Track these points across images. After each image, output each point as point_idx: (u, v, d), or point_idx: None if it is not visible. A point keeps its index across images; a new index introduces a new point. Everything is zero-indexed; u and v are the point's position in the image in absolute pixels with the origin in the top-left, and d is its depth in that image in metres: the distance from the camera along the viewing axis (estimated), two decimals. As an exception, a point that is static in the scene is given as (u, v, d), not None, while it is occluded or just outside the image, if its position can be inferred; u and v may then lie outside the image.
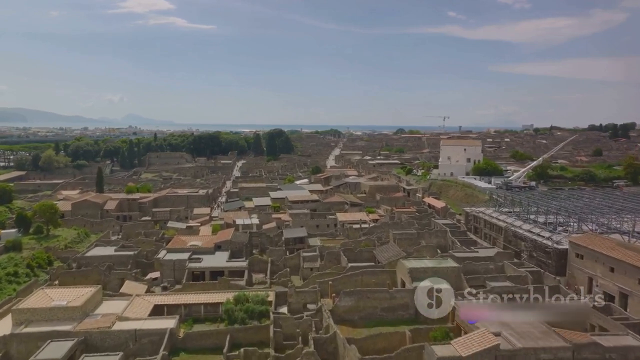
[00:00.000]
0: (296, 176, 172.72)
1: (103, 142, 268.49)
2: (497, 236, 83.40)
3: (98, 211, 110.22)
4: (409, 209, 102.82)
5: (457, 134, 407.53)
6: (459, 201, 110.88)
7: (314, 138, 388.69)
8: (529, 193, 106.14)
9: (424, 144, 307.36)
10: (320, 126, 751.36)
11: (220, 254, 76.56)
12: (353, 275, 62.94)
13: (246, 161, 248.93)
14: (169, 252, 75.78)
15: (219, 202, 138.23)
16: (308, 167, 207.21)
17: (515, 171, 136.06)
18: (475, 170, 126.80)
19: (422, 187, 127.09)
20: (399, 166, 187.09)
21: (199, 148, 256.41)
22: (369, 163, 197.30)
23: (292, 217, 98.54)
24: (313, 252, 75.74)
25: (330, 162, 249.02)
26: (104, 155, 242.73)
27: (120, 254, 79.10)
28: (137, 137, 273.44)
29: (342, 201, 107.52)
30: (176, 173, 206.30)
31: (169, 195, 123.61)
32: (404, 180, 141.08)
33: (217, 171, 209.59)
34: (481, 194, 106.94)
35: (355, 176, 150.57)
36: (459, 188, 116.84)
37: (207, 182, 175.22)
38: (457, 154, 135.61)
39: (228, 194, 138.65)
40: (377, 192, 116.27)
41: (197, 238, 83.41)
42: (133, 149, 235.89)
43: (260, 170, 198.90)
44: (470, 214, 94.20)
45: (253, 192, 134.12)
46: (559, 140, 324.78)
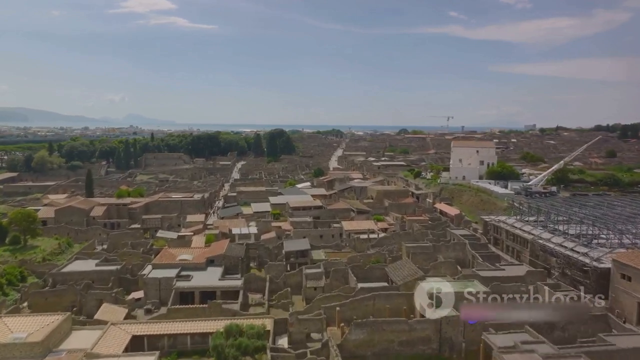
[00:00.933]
0: (298, 179, 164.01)
1: (99, 142, 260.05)
2: (521, 250, 74.55)
3: (84, 218, 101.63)
4: (420, 216, 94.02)
5: (462, 134, 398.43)
6: (474, 208, 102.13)
7: (315, 138, 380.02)
8: (551, 199, 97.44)
9: (429, 144, 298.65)
10: (321, 126, 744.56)
11: (212, 269, 67.86)
12: (364, 300, 54.27)
13: (246, 162, 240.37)
14: (155, 269, 67.11)
15: (215, 207, 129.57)
16: (310, 168, 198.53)
17: (531, 175, 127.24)
18: (489, 173, 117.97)
19: (432, 191, 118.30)
20: (405, 168, 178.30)
21: (198, 148, 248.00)
22: (374, 165, 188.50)
23: (293, 225, 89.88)
24: (317, 268, 67.04)
25: (332, 163, 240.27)
26: (99, 156, 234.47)
27: (102, 269, 70.47)
28: (135, 138, 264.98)
29: (348, 208, 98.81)
30: (173, 175, 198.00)
31: (161, 200, 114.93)
32: (412, 184, 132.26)
33: (215, 173, 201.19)
34: (499, 201, 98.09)
35: (360, 179, 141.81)
36: (473, 193, 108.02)
37: (204, 185, 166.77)
38: (469, 156, 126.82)
39: (225, 198, 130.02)
40: (385, 198, 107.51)
41: (187, 251, 74.66)
42: (129, 149, 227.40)
43: (261, 172, 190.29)
44: (489, 224, 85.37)
45: (252, 197, 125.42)
46: (566, 140, 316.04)
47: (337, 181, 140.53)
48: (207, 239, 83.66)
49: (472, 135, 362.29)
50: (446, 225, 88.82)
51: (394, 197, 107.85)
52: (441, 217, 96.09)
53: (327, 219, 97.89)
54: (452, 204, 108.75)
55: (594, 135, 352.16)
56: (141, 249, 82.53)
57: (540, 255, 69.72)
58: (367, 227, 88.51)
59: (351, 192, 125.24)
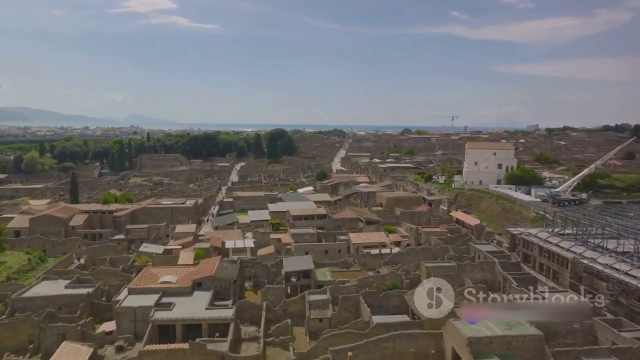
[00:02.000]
0: (299, 182, 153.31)
1: (93, 142, 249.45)
2: (559, 270, 63.85)
3: (61, 228, 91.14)
4: (437, 228, 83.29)
5: (467, 134, 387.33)
6: (495, 217, 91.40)
7: (317, 138, 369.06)
8: (581, 208, 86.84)
9: (435, 145, 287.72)
10: (322, 126, 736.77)
11: (199, 295, 57.33)
12: (381, 341, 43.64)
13: (245, 163, 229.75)
14: (132, 294, 56.61)
15: (210, 213, 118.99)
16: (312, 170, 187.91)
17: (552, 179, 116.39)
18: (509, 178, 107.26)
19: (447, 198, 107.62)
20: (413, 171, 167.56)
21: (195, 149, 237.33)
22: (379, 167, 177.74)
23: (294, 238, 79.32)
24: (322, 294, 56.48)
25: (335, 164, 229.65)
26: (92, 157, 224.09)
27: (72, 292, 59.84)
28: (130, 138, 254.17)
29: (356, 217, 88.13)
30: (168, 177, 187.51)
31: (150, 207, 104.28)
32: (423, 189, 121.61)
33: (212, 175, 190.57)
34: (524, 209, 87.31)
35: (367, 183, 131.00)
36: (494, 200, 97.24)
37: (200, 188, 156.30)
38: (486, 159, 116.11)
39: (221, 204, 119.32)
40: (397, 205, 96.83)
41: (171, 270, 64.02)
42: (124, 150, 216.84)
43: (260, 175, 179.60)
44: (517, 237, 74.63)
45: (250, 203, 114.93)
46: (576, 141, 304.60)
47: (341, 185, 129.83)
48: (197, 254, 73.08)
49: (478, 136, 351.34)
50: (467, 239, 78.16)
51: (406, 205, 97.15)
52: (461, 229, 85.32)
53: (332, 229, 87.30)
54: (470, 212, 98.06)
55: (604, 135, 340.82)
56: (121, 265, 72.00)
57: (585, 278, 59.05)
58: (378, 240, 77.89)
59: (357, 198, 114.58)
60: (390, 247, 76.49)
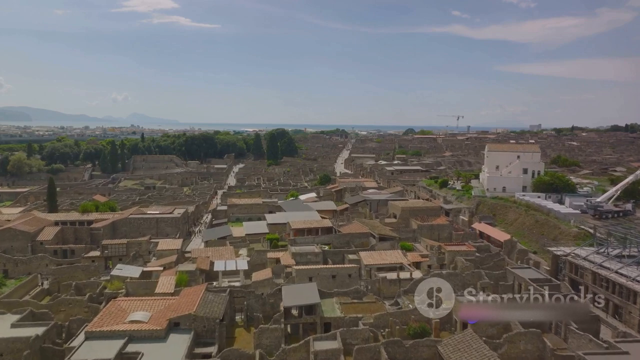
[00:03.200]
0: (300, 187, 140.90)
1: (86, 143, 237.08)
2: (624, 305, 51.33)
3: (28, 243, 78.81)
4: (463, 246, 70.75)
5: (472, 134, 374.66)
6: (527, 231, 78.85)
7: (319, 139, 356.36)
8: (627, 221, 74.39)
9: (442, 146, 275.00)
10: (323, 126, 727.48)
11: (176, 339, 45.12)
12: None
13: (245, 165, 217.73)
14: (90, 339, 44.36)
15: (202, 222, 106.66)
16: (314, 173, 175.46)
17: (582, 185, 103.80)
18: (536, 185, 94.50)
19: (466, 207, 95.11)
20: (423, 174, 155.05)
21: (192, 150, 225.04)
22: (386, 169, 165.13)
23: (296, 258, 66.96)
24: (331, 340, 44.13)
25: (339, 166, 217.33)
26: (84, 158, 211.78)
27: (17, 335, 47.49)
28: (123, 138, 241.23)
29: (366, 232, 75.65)
30: (161, 180, 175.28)
31: (132, 217, 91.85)
32: (438, 196, 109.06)
33: (209, 178, 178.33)
34: (562, 223, 74.63)
35: (375, 189, 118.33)
36: (522, 211, 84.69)
37: (194, 193, 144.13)
38: (509, 163, 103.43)
39: (214, 213, 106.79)
40: (412, 217, 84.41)
41: (146, 304, 51.67)
42: (116, 151, 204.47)
43: (259, 178, 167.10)
44: (561, 259, 62.08)
45: (246, 212, 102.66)
46: (588, 141, 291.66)
47: (347, 191, 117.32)
48: (179, 279, 60.77)
49: (485, 136, 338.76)
50: (500, 260, 65.66)
51: (423, 216, 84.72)
52: (490, 247, 72.78)
53: (339, 246, 74.89)
54: (495, 224, 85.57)
55: (616, 136, 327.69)
56: (88, 293, 59.69)
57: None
58: (394, 260, 65.52)
59: (365, 206, 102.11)
60: (409, 269, 64.12)
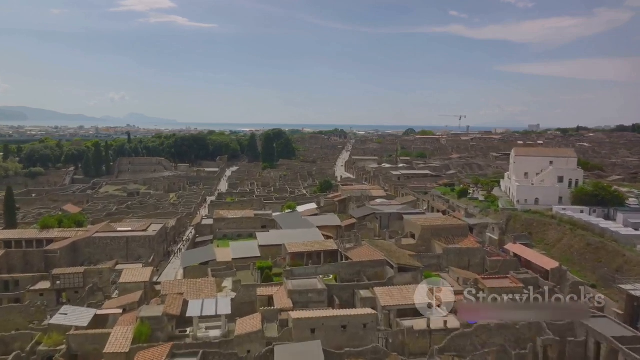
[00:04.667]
0: (298, 195, 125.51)
1: (69, 144, 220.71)
2: None
3: (-41, 273, 63.13)
4: (506, 279, 55.42)
5: (477, 134, 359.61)
6: (576, 256, 63.67)
7: (317, 139, 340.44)
8: None
9: (446, 147, 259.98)
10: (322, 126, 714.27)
11: None
12: None
13: (239, 168, 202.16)
14: None
15: (185, 239, 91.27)
16: (314, 178, 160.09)
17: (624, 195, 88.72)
18: (576, 196, 79.17)
19: (494, 222, 79.86)
20: (432, 179, 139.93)
21: (182, 152, 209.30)
22: (392, 174, 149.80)
23: (293, 298, 51.63)
24: None
25: (339, 169, 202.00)
26: (66, 161, 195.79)
27: None
28: (108, 140, 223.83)
29: (381, 259, 60.24)
30: (147, 185, 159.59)
31: (97, 237, 76.14)
32: (457, 208, 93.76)
33: (198, 183, 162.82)
34: (627, 249, 59.44)
35: (384, 199, 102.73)
36: (567, 230, 69.45)
37: (181, 201, 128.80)
38: (540, 170, 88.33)
39: (197, 228, 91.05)
40: (435, 238, 69.06)
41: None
42: (100, 153, 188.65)
43: (253, 183, 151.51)
44: None
45: (235, 227, 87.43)
46: (599, 142, 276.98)
47: (352, 201, 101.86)
48: (138, 331, 45.21)
49: (490, 137, 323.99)
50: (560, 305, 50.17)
51: (448, 236, 69.30)
52: (538, 279, 57.42)
53: (349, 277, 59.58)
54: (533, 245, 70.34)
55: (625, 136, 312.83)
56: (15, 352, 44.17)
57: None
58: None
59: (375, 220, 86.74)
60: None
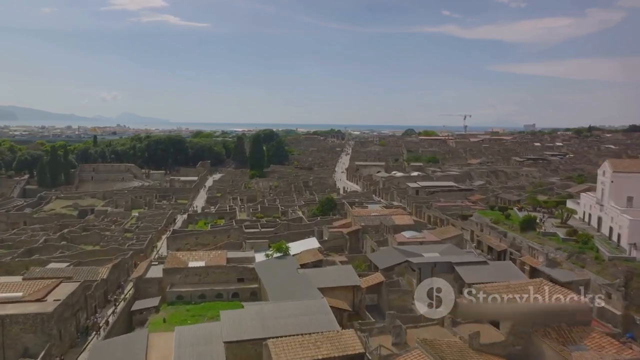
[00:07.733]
0: (293, 212, 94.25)
1: (25, 148, 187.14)
2: None
3: None
4: None
5: (485, 134, 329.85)
6: None
7: (313, 140, 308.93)
8: None
9: (456, 149, 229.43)
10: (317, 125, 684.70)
11: None
12: None
13: (223, 175, 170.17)
14: None
15: (119, 298, 59.31)
16: (311, 190, 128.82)
17: None
18: None
19: (606, 283, 49.16)
20: (460, 194, 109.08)
21: (157, 157, 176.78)
22: (408, 186, 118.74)
23: None
24: None
25: (340, 177, 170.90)
26: (18, 168, 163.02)
27: None
28: (66, 144, 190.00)
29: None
30: (107, 199, 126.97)
31: None
32: (524, 246, 63.09)
33: (170, 196, 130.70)
34: None
35: (413, 230, 71.45)
36: None
37: (138, 224, 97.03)
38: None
39: (139, 285, 58.05)
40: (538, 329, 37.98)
41: None
42: (57, 158, 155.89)
43: (236, 198, 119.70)
44: None
45: (197, 280, 55.81)
46: (620, 143, 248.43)
47: (368, 235, 70.56)
48: None
49: (500, 137, 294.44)
50: None
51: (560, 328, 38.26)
52: None
53: None
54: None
55: (634, 136, 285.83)
56: None
57: None
58: None
59: (410, 274, 55.43)
60: None
